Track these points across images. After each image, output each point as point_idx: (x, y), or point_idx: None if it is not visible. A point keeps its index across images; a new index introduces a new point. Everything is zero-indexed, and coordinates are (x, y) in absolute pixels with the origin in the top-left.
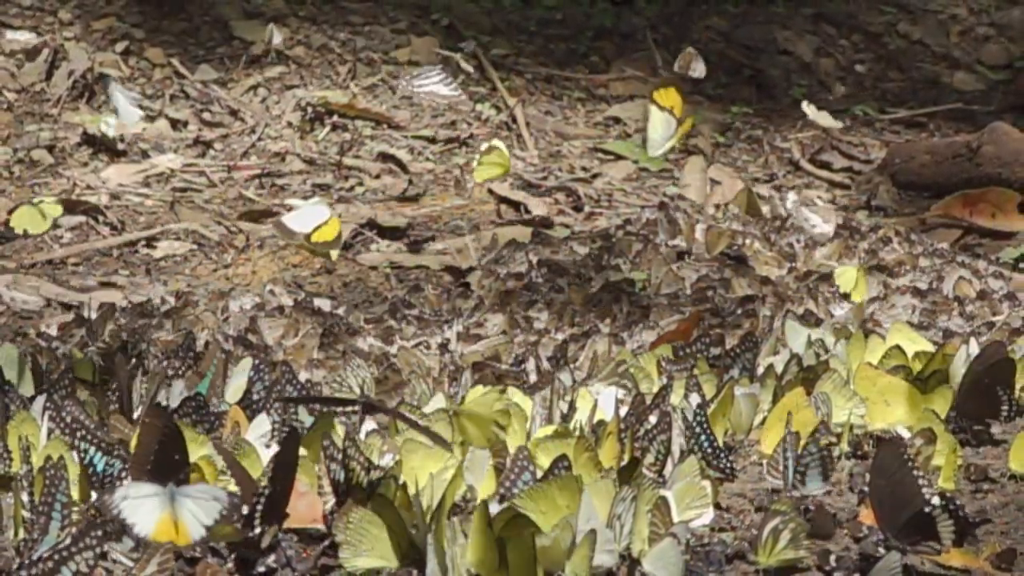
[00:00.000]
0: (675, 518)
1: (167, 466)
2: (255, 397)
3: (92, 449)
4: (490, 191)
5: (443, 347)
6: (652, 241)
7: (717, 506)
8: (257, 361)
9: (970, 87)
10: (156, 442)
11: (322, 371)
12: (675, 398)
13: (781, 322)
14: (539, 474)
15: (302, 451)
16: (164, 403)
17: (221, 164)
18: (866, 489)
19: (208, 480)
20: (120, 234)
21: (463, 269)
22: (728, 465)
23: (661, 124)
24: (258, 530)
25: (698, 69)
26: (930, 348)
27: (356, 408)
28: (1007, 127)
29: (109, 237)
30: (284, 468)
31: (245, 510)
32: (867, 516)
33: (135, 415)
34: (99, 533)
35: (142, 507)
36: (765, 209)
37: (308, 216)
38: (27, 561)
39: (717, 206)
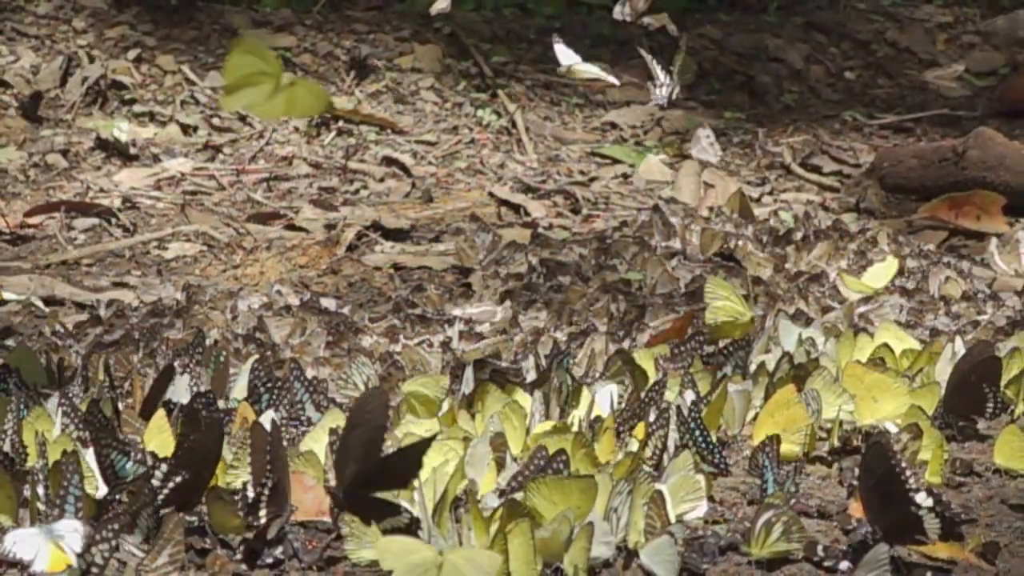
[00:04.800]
0: (670, 511)
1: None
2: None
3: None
4: (491, 194)
5: (445, 345)
6: (648, 243)
7: (711, 499)
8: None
9: (956, 93)
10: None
11: (328, 368)
12: (670, 395)
13: (773, 321)
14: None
15: (309, 446)
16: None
17: (230, 168)
18: (855, 483)
19: (217, 476)
20: (132, 236)
21: (465, 269)
22: (721, 460)
23: None
24: (263, 520)
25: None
26: (917, 346)
27: None
28: (992, 132)
29: (121, 239)
30: (277, 460)
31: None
32: (856, 509)
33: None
34: (114, 526)
35: (31, 547)
36: (757, 212)
37: None
38: None
39: (711, 208)
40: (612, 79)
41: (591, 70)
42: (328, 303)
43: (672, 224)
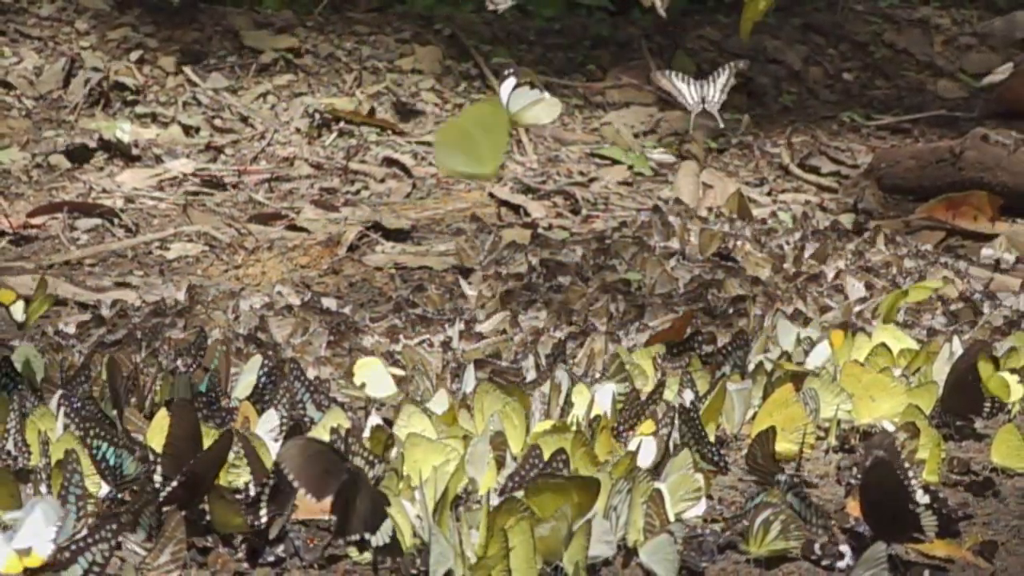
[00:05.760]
0: (669, 510)
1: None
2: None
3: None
4: (491, 195)
5: (445, 345)
6: (647, 243)
7: (709, 497)
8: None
9: (953, 94)
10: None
11: (329, 368)
12: (669, 394)
13: (771, 321)
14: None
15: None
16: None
17: (232, 169)
18: (853, 482)
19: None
20: (134, 236)
21: (465, 269)
22: (720, 458)
23: None
24: (264, 518)
25: None
26: (915, 346)
27: None
28: (989, 133)
29: (124, 239)
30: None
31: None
32: (854, 507)
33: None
34: (115, 525)
35: None
36: (756, 212)
37: None
38: None
39: (709, 209)
40: (552, 112)
41: (536, 113)
42: (329, 303)
43: (671, 224)
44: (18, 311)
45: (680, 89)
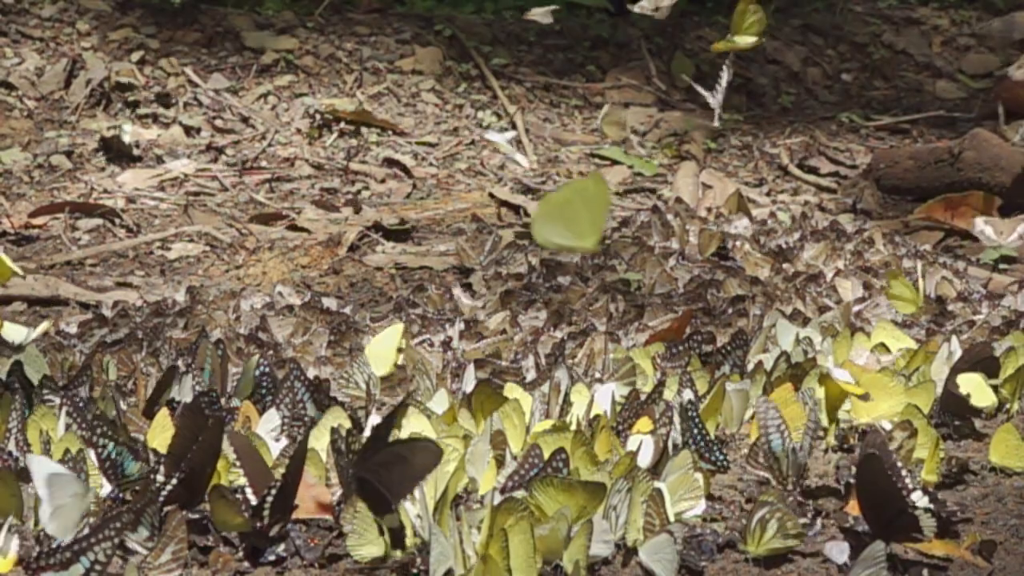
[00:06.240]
0: (669, 509)
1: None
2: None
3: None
4: (491, 195)
5: (446, 344)
6: (646, 243)
7: (709, 497)
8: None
9: (952, 95)
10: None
11: (330, 368)
12: (668, 393)
13: (770, 321)
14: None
15: (311, 444)
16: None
17: (233, 169)
18: (852, 480)
19: (220, 473)
20: (136, 236)
21: (465, 269)
22: (720, 458)
23: None
24: (267, 521)
25: None
26: (913, 345)
27: None
28: (987, 133)
29: (125, 239)
30: (295, 463)
31: (254, 501)
32: (853, 507)
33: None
34: (117, 525)
35: None
36: (755, 213)
37: None
38: (47, 550)
39: (709, 209)
40: (522, 160)
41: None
42: (330, 303)
43: (671, 225)
44: (11, 333)
45: (721, 87)
